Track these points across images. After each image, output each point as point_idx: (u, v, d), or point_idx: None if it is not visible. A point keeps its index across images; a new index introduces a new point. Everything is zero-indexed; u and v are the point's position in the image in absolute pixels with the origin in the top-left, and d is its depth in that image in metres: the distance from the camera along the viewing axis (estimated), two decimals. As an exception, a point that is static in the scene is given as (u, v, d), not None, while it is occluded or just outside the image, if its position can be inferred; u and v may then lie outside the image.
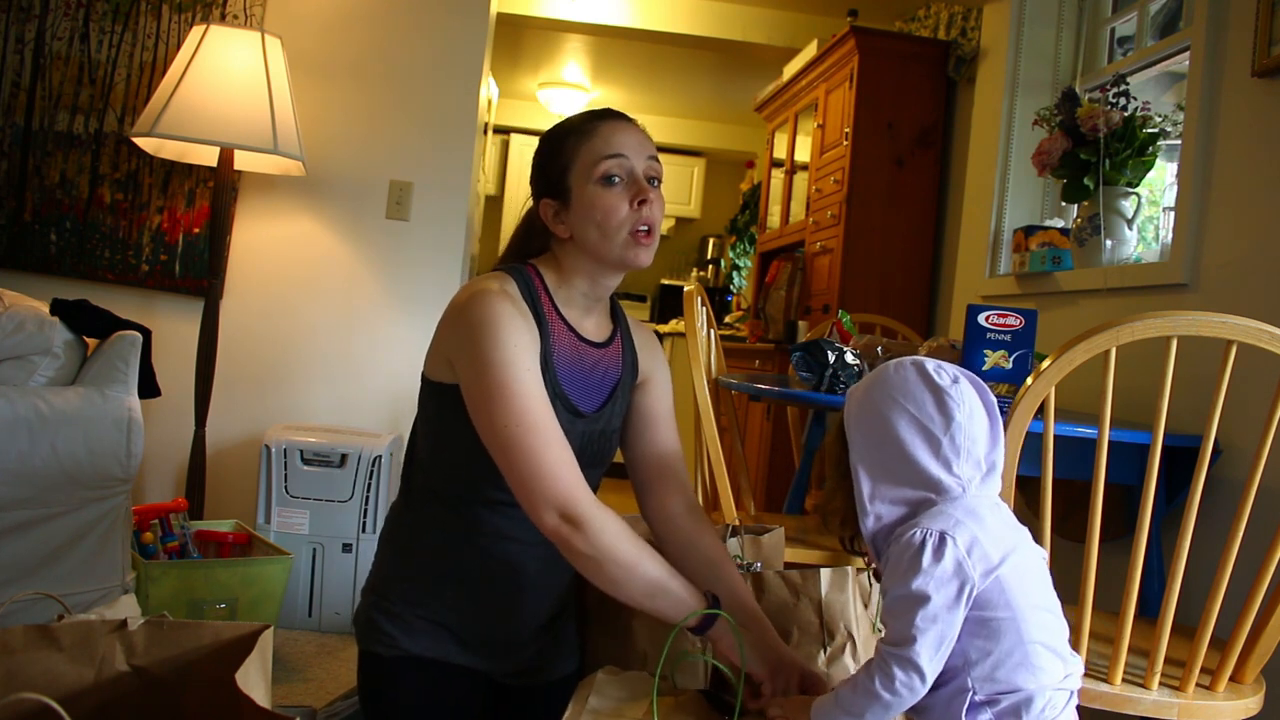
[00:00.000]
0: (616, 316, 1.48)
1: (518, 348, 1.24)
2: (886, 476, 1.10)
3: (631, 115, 1.40)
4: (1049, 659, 1.06)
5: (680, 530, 1.41)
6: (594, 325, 1.42)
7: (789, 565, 1.50)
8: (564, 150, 1.34)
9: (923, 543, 1.03)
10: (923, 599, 1.01)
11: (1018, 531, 1.10)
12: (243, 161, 2.75)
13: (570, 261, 1.37)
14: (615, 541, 1.17)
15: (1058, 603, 1.10)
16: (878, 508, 1.11)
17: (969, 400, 1.11)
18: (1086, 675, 1.42)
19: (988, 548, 1.04)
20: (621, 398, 1.44)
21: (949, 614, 1.01)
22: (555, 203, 1.35)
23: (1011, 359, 1.86)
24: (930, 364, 1.13)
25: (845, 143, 3.47)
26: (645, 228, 1.31)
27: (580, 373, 1.38)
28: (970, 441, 1.10)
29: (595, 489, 1.45)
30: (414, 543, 1.37)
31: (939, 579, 1.01)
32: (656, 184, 1.35)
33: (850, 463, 1.13)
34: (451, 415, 1.31)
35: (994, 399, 1.14)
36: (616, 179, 1.31)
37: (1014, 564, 1.05)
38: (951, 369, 1.13)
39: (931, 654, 1.01)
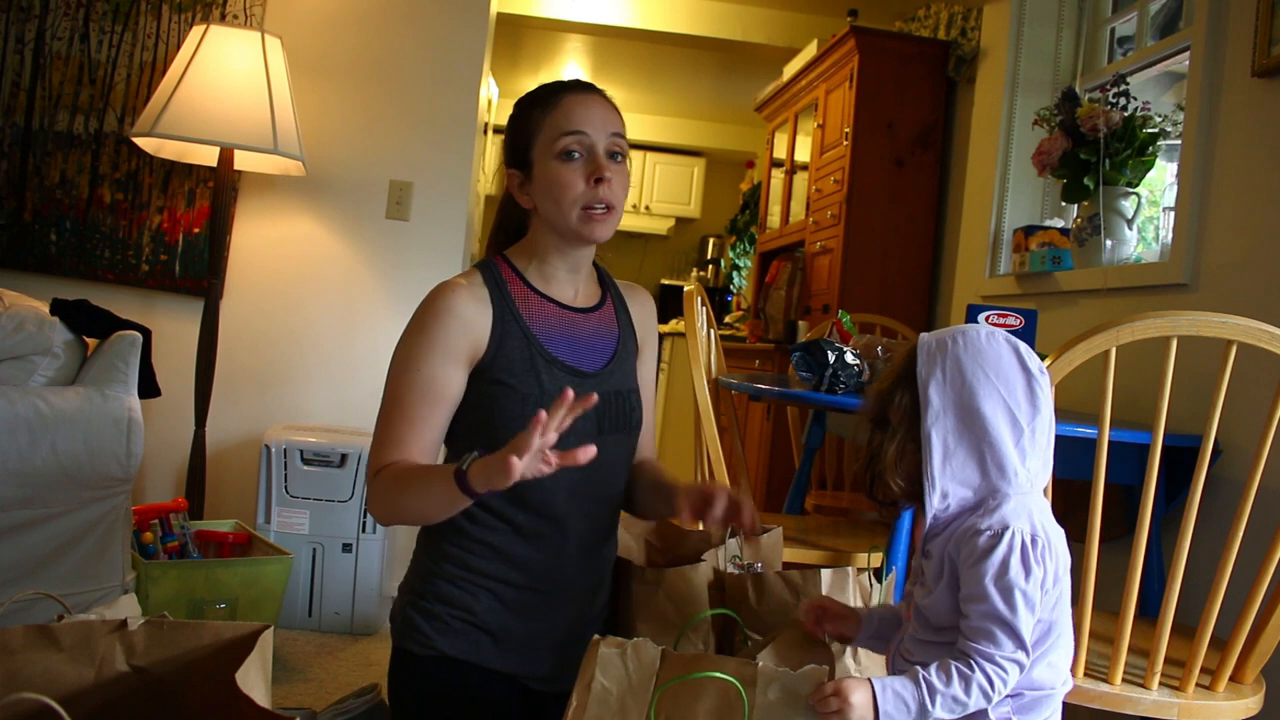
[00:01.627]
0: (604, 282, 1.50)
1: (425, 349, 1.31)
2: (964, 453, 1.07)
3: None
4: (1066, 659, 1.07)
5: (634, 477, 1.49)
6: (581, 294, 1.44)
7: (789, 565, 1.50)
8: (529, 122, 1.36)
9: (1021, 545, 1.01)
10: (1028, 602, 1.00)
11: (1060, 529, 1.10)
12: (243, 161, 2.75)
13: (540, 235, 1.40)
14: (385, 489, 1.28)
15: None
16: (946, 484, 1.07)
17: (1047, 394, 1.09)
18: (1087, 675, 1.43)
19: (1058, 548, 1.04)
20: (626, 356, 1.45)
21: (1036, 612, 1.01)
22: (520, 174, 1.39)
23: (1011, 359, 1.86)
24: (1020, 345, 1.09)
25: (845, 143, 3.47)
26: (602, 205, 1.33)
27: (575, 339, 1.40)
28: (1044, 436, 1.08)
29: (626, 457, 1.46)
30: (448, 543, 1.37)
31: (1035, 580, 1.00)
32: (620, 159, 1.36)
33: (923, 428, 1.08)
34: (460, 416, 1.36)
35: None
36: (575, 154, 1.33)
37: (1068, 567, 1.06)
38: (1036, 357, 1.10)
39: (1032, 649, 1.01)
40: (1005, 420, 1.06)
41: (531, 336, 1.35)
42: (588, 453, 1.11)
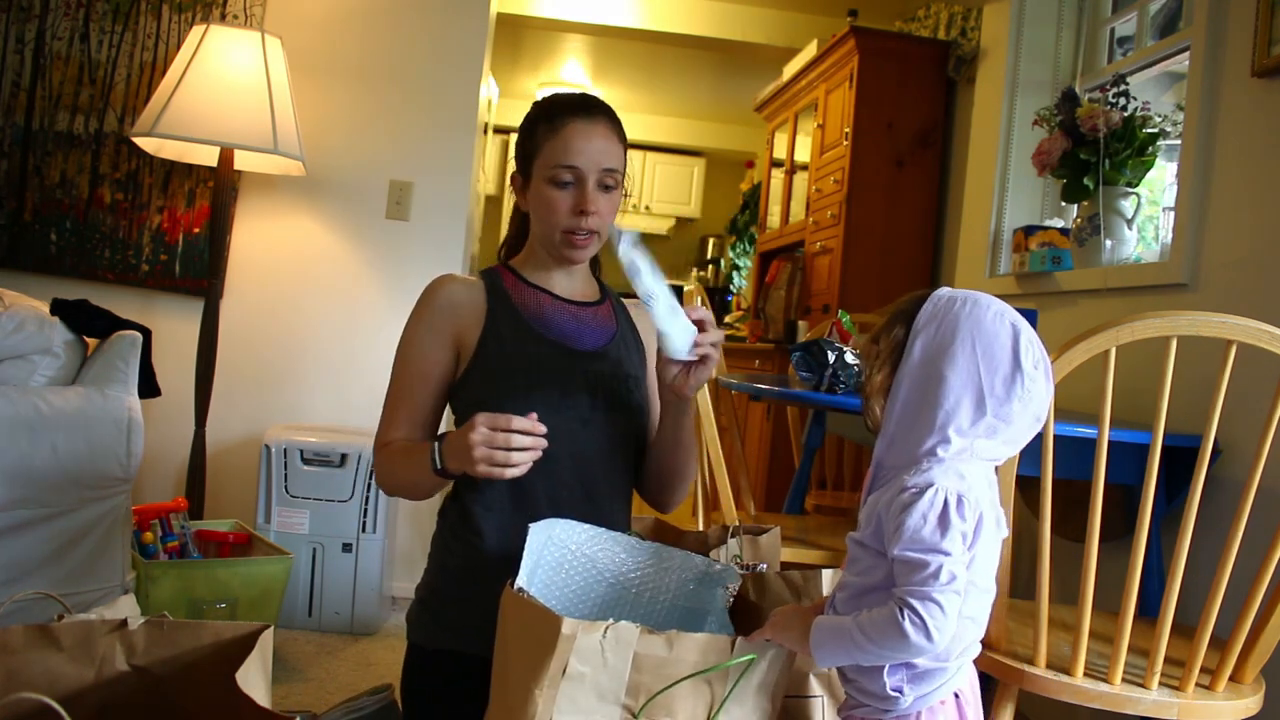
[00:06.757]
0: (605, 289, 1.57)
1: (415, 331, 1.45)
2: (921, 411, 1.06)
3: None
4: (972, 631, 1.07)
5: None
6: (579, 290, 1.51)
7: (788, 565, 1.50)
8: (534, 137, 1.43)
9: (943, 502, 1.01)
10: (947, 556, 0.99)
11: (998, 509, 1.08)
12: (243, 161, 2.75)
13: (534, 237, 1.48)
14: (384, 467, 1.43)
15: (994, 583, 1.10)
16: (898, 433, 1.07)
17: (1037, 394, 1.06)
18: (1087, 675, 1.43)
19: (985, 517, 1.04)
20: (626, 346, 1.49)
21: (963, 569, 1.01)
22: (520, 179, 1.48)
23: (1011, 359, 1.85)
24: (1025, 334, 1.07)
25: (845, 143, 3.47)
26: (584, 231, 1.40)
27: (570, 320, 1.46)
28: (1008, 426, 1.06)
29: (625, 439, 1.46)
30: (459, 541, 1.40)
31: (962, 535, 1.00)
32: (611, 188, 1.41)
33: (899, 372, 1.08)
34: (470, 396, 1.43)
35: (1051, 393, 1.09)
36: (566, 183, 1.39)
37: (982, 540, 1.04)
38: (1040, 352, 1.07)
39: (958, 606, 0.99)
40: (970, 399, 1.04)
41: (521, 318, 1.43)
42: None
